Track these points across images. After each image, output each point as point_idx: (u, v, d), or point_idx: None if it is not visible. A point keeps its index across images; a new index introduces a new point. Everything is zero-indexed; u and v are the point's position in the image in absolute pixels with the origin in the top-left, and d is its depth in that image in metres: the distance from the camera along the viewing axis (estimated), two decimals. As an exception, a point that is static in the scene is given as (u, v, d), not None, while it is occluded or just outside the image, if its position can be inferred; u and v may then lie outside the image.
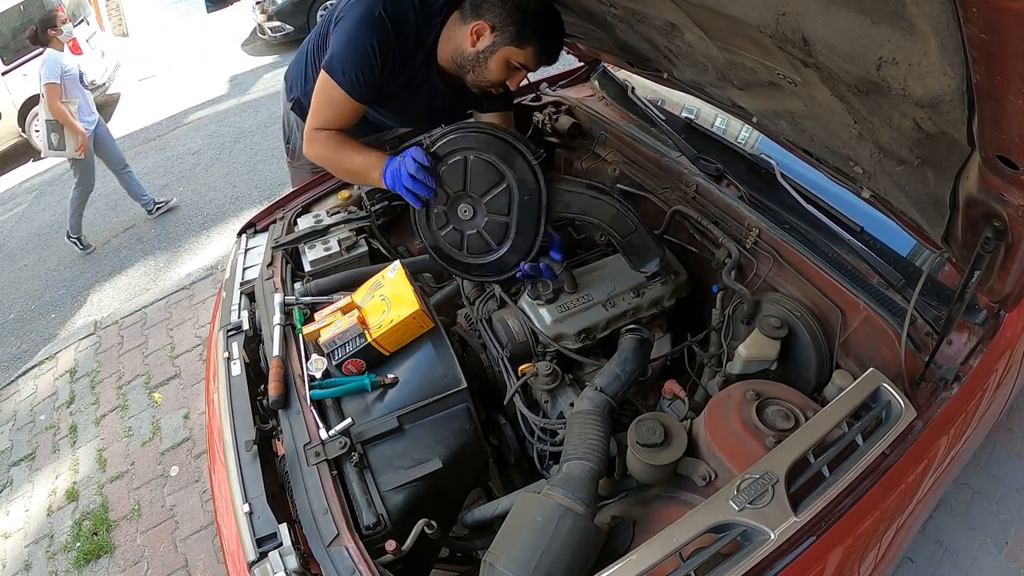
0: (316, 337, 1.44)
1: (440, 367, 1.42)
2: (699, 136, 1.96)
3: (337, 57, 1.55)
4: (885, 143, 1.05)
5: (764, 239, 1.56)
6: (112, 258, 4.56)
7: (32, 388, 3.41)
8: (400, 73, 1.61)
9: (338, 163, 1.67)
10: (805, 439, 1.02)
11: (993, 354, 1.22)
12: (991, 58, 0.62)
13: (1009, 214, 0.85)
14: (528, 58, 1.54)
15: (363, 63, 1.52)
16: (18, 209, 5.88)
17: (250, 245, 1.95)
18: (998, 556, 1.94)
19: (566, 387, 1.44)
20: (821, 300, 1.42)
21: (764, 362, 1.39)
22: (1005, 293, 1.08)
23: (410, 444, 1.32)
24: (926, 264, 1.34)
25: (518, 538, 1.02)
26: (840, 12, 0.82)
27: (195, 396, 3.00)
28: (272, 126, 5.91)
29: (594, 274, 1.63)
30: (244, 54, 8.64)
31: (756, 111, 1.47)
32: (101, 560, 2.41)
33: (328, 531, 1.11)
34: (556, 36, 1.59)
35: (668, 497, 1.14)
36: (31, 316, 4.18)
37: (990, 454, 2.19)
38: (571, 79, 2.51)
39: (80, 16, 7.22)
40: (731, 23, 1.10)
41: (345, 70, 1.53)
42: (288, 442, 1.29)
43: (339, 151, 1.63)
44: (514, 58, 1.53)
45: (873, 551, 1.09)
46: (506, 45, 1.50)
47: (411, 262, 1.82)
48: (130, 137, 6.72)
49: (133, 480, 2.69)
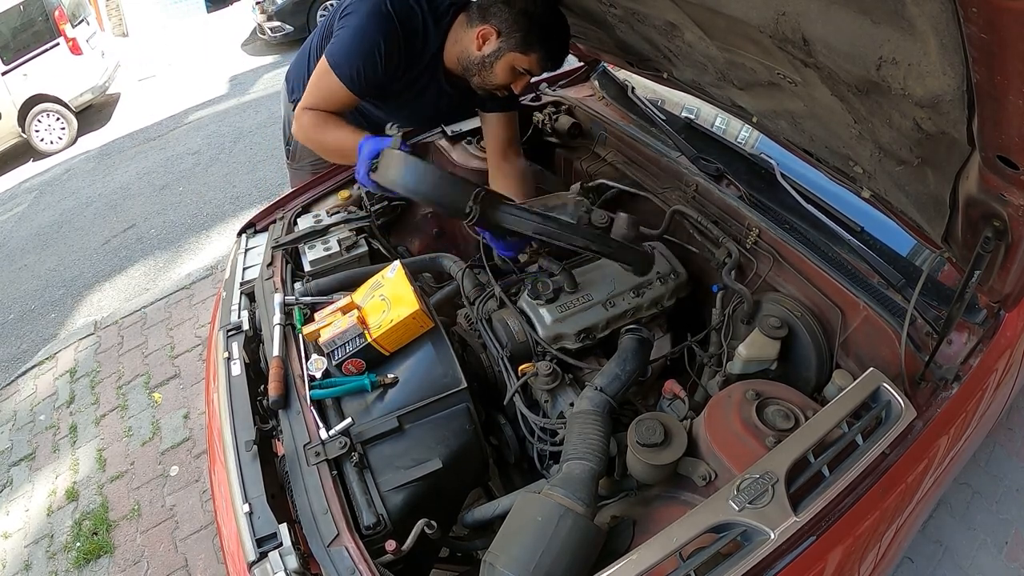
0: (316, 337, 1.44)
1: (440, 367, 1.42)
2: (699, 136, 1.96)
3: (341, 48, 1.54)
4: (885, 143, 1.05)
5: (764, 239, 1.56)
6: (112, 258, 4.56)
7: (32, 388, 3.41)
8: (405, 72, 1.61)
9: (321, 141, 1.67)
10: (805, 439, 1.02)
11: (993, 354, 1.22)
12: (991, 58, 0.62)
13: (1009, 214, 0.85)
14: (533, 64, 1.54)
15: (366, 58, 1.52)
16: (18, 209, 5.88)
17: (250, 245, 1.95)
18: (998, 556, 1.94)
19: (566, 387, 1.44)
20: (821, 300, 1.42)
21: (764, 362, 1.39)
22: (1005, 293, 1.08)
23: (410, 444, 1.32)
24: (926, 264, 1.34)
25: (518, 538, 1.02)
26: (840, 12, 0.83)
27: (195, 396, 3.00)
28: (272, 126, 5.91)
29: (594, 274, 1.63)
30: (244, 54, 8.64)
31: (756, 111, 1.48)
32: (101, 560, 2.41)
33: (328, 531, 1.11)
34: (562, 42, 1.59)
35: (668, 497, 1.14)
36: (31, 316, 4.18)
37: (990, 454, 2.19)
38: (571, 79, 2.51)
39: (80, 16, 7.22)
40: (731, 23, 1.10)
41: (347, 62, 1.53)
42: (288, 442, 1.29)
43: (324, 128, 1.63)
44: (519, 64, 1.53)
45: (873, 551, 1.09)
46: (511, 51, 1.50)
47: (411, 262, 1.82)
48: (130, 137, 6.72)
49: (133, 480, 2.69)
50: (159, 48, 9.74)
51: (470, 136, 2.20)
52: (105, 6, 10.59)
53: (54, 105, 6.81)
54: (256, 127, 6.04)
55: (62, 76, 6.79)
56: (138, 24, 10.77)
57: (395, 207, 2.11)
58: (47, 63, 6.68)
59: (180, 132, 6.50)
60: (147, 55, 9.48)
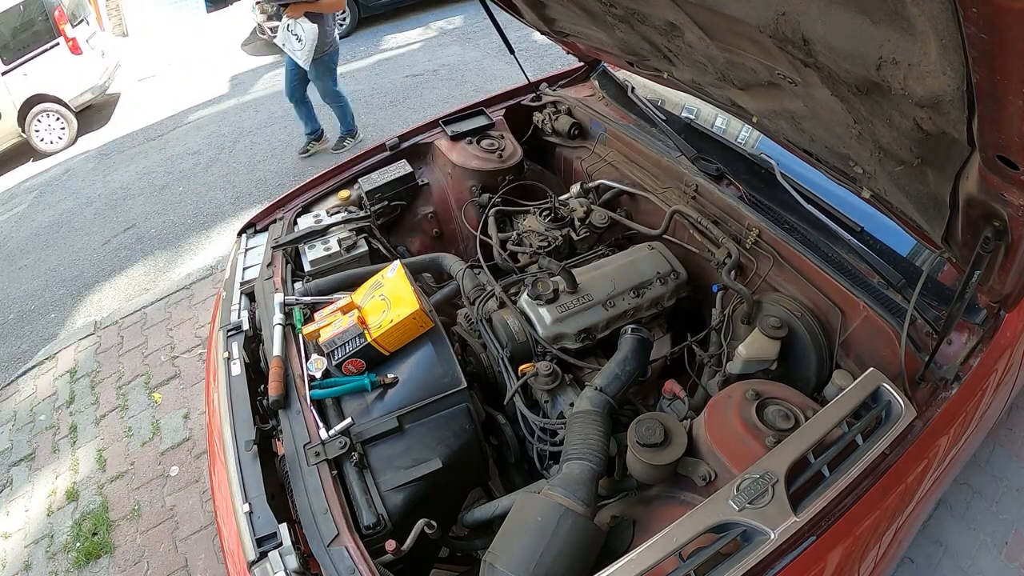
0: (316, 337, 1.44)
1: (440, 367, 1.42)
2: (699, 136, 1.96)
3: None
4: (885, 143, 1.05)
5: (764, 239, 1.56)
6: (112, 258, 4.56)
7: (32, 388, 3.40)
8: None
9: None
10: (805, 439, 1.02)
11: (993, 354, 1.22)
12: (991, 58, 0.62)
13: (1009, 214, 0.85)
14: None
15: None
16: (18, 209, 5.88)
17: (250, 245, 1.95)
18: (998, 556, 1.94)
19: (566, 387, 1.44)
20: (821, 300, 1.42)
21: (764, 362, 1.39)
22: (1005, 293, 1.08)
23: (410, 444, 1.32)
24: (926, 264, 1.34)
25: (518, 538, 1.02)
26: (840, 12, 0.82)
27: (195, 396, 3.00)
28: (272, 126, 5.91)
29: (594, 274, 1.63)
30: (244, 54, 8.64)
31: (756, 111, 1.47)
32: (101, 560, 2.41)
33: (328, 531, 1.11)
34: None
35: (668, 497, 1.14)
36: (31, 316, 4.18)
37: (990, 454, 2.19)
38: (571, 79, 2.50)
39: (80, 16, 7.21)
40: (731, 23, 1.10)
41: None
42: (288, 442, 1.29)
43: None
44: None
45: (873, 551, 1.09)
46: None
47: (411, 262, 1.82)
48: (130, 137, 6.71)
49: (133, 480, 2.69)
50: (159, 48, 9.74)
51: (470, 136, 2.20)
52: (105, 6, 10.58)
53: (54, 105, 6.80)
54: (256, 127, 6.04)
55: (62, 76, 6.78)
56: (138, 24, 10.76)
57: (395, 207, 2.11)
58: (47, 63, 6.67)
59: (180, 132, 6.50)
60: (147, 55, 9.48)
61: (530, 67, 2.58)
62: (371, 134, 5.24)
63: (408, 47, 7.20)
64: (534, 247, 1.84)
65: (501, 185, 2.11)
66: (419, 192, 2.20)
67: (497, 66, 6.04)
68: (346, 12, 7.84)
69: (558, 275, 1.57)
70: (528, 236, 1.89)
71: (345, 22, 7.91)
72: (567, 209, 1.96)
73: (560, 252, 1.87)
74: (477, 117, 2.28)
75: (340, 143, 4.99)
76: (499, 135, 2.22)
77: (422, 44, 7.19)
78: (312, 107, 4.90)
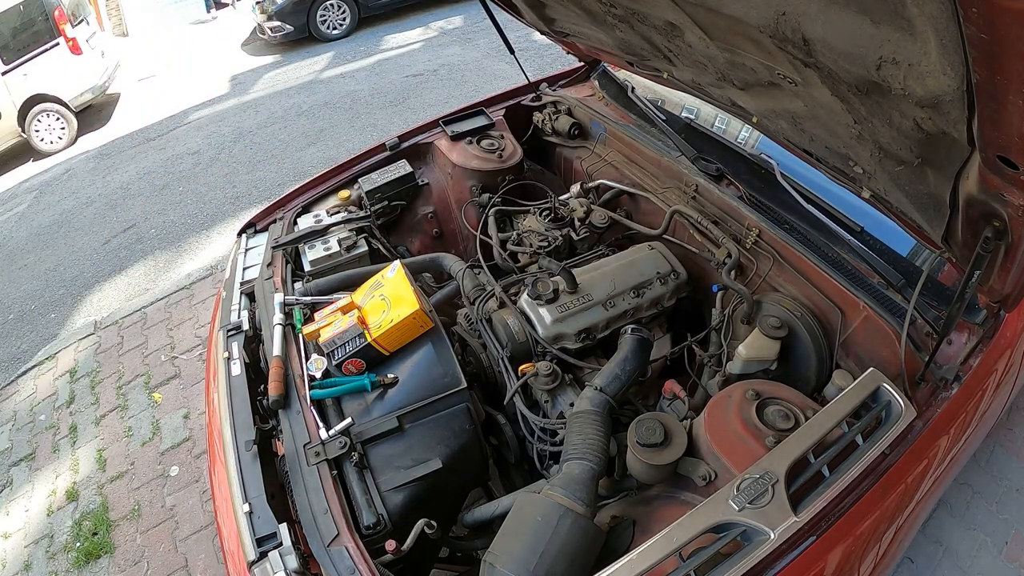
0: (316, 337, 1.44)
1: (440, 367, 1.42)
2: (699, 136, 1.96)
3: None
4: (885, 143, 1.05)
5: (764, 239, 1.56)
6: (112, 258, 4.56)
7: (32, 388, 3.40)
8: None
9: None
10: (805, 439, 1.02)
11: (993, 354, 1.22)
12: (991, 58, 0.62)
13: (1009, 214, 0.85)
14: None
15: None
16: (18, 209, 5.88)
17: (250, 245, 1.95)
18: (998, 556, 1.94)
19: (566, 387, 1.44)
20: (821, 300, 1.42)
21: (764, 362, 1.39)
22: (1005, 293, 1.08)
23: (410, 444, 1.32)
24: (926, 264, 1.34)
25: (518, 538, 1.02)
26: (840, 12, 0.82)
27: (195, 396, 3.00)
28: (272, 126, 5.91)
29: (594, 274, 1.63)
30: (244, 54, 8.64)
31: (756, 111, 1.47)
32: (101, 560, 2.41)
33: (328, 531, 1.11)
34: None
35: (668, 497, 1.14)
36: (31, 316, 4.18)
37: (990, 454, 2.19)
38: (571, 79, 2.50)
39: (80, 16, 7.21)
40: (731, 23, 1.10)
41: None
42: (288, 442, 1.29)
43: None
44: None
45: (873, 551, 1.09)
46: None
47: (411, 262, 1.82)
48: (130, 137, 6.71)
49: (133, 480, 2.69)
50: (159, 48, 9.74)
51: (470, 136, 2.20)
52: (105, 6, 10.59)
53: (54, 105, 6.80)
54: (256, 127, 6.04)
55: (62, 76, 6.78)
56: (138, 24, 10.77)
57: (395, 207, 2.11)
58: (47, 63, 6.67)
59: (180, 132, 6.50)
60: (147, 55, 9.48)
61: (530, 67, 2.58)
62: (371, 134, 5.25)
63: (408, 47, 7.19)
64: (534, 247, 1.84)
65: (501, 185, 2.11)
66: (419, 192, 2.20)
67: (497, 66, 6.04)
68: (346, 12, 7.85)
69: (558, 275, 1.57)
70: (528, 236, 1.89)
71: (345, 22, 7.91)
72: (567, 209, 1.96)
73: (560, 252, 1.87)
74: (477, 117, 2.28)
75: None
76: (499, 135, 2.22)
77: (422, 44, 7.19)
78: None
